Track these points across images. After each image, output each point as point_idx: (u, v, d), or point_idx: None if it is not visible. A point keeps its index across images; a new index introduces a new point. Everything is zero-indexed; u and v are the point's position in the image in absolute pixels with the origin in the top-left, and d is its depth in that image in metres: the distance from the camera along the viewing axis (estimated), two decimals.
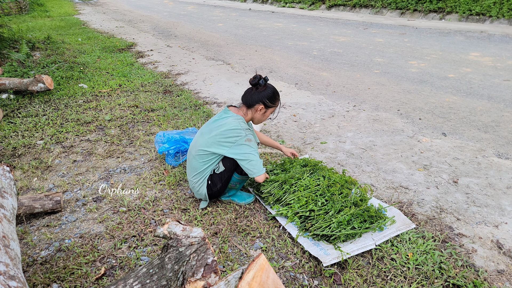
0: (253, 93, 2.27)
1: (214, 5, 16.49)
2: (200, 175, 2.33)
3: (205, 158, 2.28)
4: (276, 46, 7.63)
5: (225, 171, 2.29)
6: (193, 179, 2.36)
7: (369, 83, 5.05)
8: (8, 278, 1.16)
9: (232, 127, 2.20)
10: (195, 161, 2.32)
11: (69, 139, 3.49)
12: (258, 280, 1.17)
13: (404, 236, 2.09)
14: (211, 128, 2.29)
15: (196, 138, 2.38)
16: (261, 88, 2.26)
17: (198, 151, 2.29)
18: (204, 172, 2.31)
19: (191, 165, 2.37)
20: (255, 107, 2.29)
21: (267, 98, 2.27)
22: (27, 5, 14.94)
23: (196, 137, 2.39)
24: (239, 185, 2.44)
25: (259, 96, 2.26)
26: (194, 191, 2.40)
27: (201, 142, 2.30)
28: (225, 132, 2.20)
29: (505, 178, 2.72)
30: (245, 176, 2.36)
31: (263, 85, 2.26)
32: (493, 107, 4.04)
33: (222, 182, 2.33)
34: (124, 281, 1.37)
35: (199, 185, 2.34)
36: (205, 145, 2.26)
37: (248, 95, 2.29)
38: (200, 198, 2.43)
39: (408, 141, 3.35)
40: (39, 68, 5.72)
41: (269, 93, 2.27)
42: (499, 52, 6.41)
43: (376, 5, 11.86)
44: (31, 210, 2.30)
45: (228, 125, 2.21)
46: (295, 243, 2.08)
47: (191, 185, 2.41)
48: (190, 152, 2.41)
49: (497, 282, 1.80)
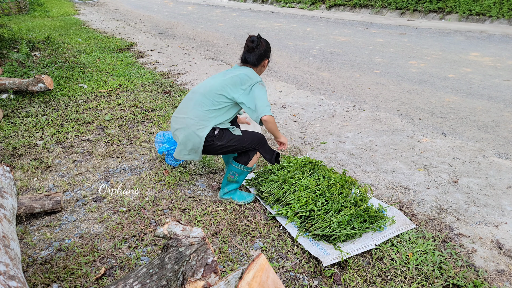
0: (256, 52, 2.30)
1: (214, 5, 16.49)
2: (204, 115, 2.19)
3: (216, 98, 2.20)
4: (276, 46, 7.63)
5: (235, 139, 2.26)
6: (194, 118, 2.20)
7: (369, 83, 5.05)
8: (8, 278, 1.16)
9: (248, 73, 2.24)
10: (204, 98, 2.21)
11: (69, 139, 3.49)
12: (258, 280, 1.17)
13: (404, 236, 2.09)
14: (225, 73, 2.28)
15: (206, 81, 2.30)
16: (260, 45, 2.30)
17: (209, 91, 2.21)
18: (210, 114, 2.20)
19: (196, 101, 2.22)
20: (262, 63, 2.35)
21: (268, 51, 2.35)
22: (27, 5, 14.94)
23: (206, 81, 2.31)
24: (238, 177, 2.39)
25: (262, 53, 2.31)
26: (186, 134, 2.21)
27: (213, 83, 2.23)
28: (241, 75, 2.22)
29: (505, 178, 2.72)
30: (244, 166, 2.34)
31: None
32: (493, 107, 4.04)
33: (227, 143, 2.24)
34: (124, 281, 1.38)
35: (199, 127, 2.18)
36: (219, 86, 2.20)
37: (253, 56, 2.31)
38: (188, 147, 2.25)
39: (408, 141, 3.35)
40: (39, 68, 5.72)
41: (267, 45, 2.34)
42: (499, 52, 6.41)
43: (376, 5, 11.86)
44: (31, 210, 2.30)
45: (245, 70, 2.25)
46: (295, 243, 2.08)
47: (185, 124, 2.21)
48: (196, 91, 2.27)
49: (497, 282, 1.80)
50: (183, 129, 2.23)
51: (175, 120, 2.30)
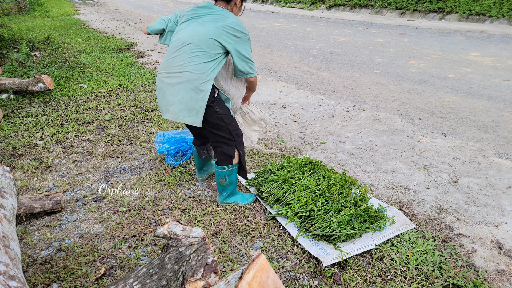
0: None
1: None
2: (204, 68, 2.00)
3: (212, 48, 1.99)
4: (276, 46, 7.63)
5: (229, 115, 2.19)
6: (195, 71, 1.99)
7: (369, 83, 5.05)
8: (8, 278, 1.16)
9: (237, 21, 2.03)
10: (200, 49, 1.99)
11: (69, 139, 3.49)
12: (258, 280, 1.17)
13: (404, 236, 2.09)
14: (216, 18, 2.02)
15: (195, 29, 2.03)
16: None
17: (205, 39, 1.98)
18: (208, 66, 2.01)
19: (193, 53, 2.00)
20: (234, 0, 2.10)
21: None
22: (27, 5, 14.94)
23: (194, 29, 2.04)
24: (230, 178, 2.31)
25: None
26: (188, 89, 2.00)
27: (206, 30, 1.99)
28: (232, 24, 1.99)
29: (505, 178, 2.72)
30: (230, 165, 2.26)
31: None
32: (493, 107, 4.04)
33: (222, 115, 2.14)
34: (124, 281, 1.38)
35: (202, 81, 2.00)
36: (214, 33, 1.97)
37: None
38: (190, 106, 2.02)
39: (408, 141, 3.35)
40: (39, 68, 5.72)
41: None
42: (499, 52, 6.41)
43: (376, 5, 11.86)
44: (31, 210, 2.30)
45: (233, 18, 2.03)
46: (295, 243, 2.08)
47: (185, 79, 2.00)
48: (188, 41, 2.02)
49: (497, 282, 1.80)
50: (183, 84, 2.00)
51: (169, 77, 2.06)
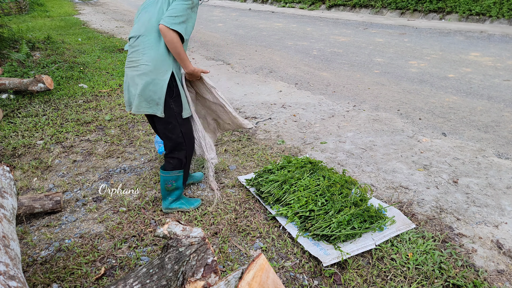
0: None
1: (214, 5, 16.49)
2: (156, 58, 1.94)
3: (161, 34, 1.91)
4: (276, 46, 7.63)
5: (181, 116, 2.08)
6: (145, 60, 1.94)
7: (369, 83, 5.05)
8: (8, 278, 1.16)
9: None
10: (148, 38, 1.93)
11: (69, 139, 3.49)
12: (258, 280, 1.17)
13: (404, 236, 2.09)
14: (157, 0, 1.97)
15: (142, 17, 1.99)
16: None
17: (151, 25, 1.93)
18: (161, 57, 1.94)
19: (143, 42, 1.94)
20: None
21: None
22: (27, 5, 14.94)
23: (142, 16, 2.00)
24: (177, 183, 2.25)
25: None
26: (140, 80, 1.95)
27: (149, 17, 1.95)
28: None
29: (505, 178, 2.72)
30: (178, 171, 2.21)
31: None
32: (493, 107, 4.04)
33: (180, 114, 2.08)
34: (124, 281, 1.38)
35: (157, 73, 1.95)
36: (157, 17, 1.93)
37: None
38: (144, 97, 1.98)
39: (408, 141, 3.35)
40: (39, 68, 5.72)
41: None
42: (499, 52, 6.41)
43: (376, 5, 11.86)
44: (31, 210, 2.30)
45: None
46: (295, 243, 2.08)
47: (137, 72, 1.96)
48: (136, 33, 1.98)
49: (497, 282, 1.80)
50: (140, 77, 1.99)
51: (130, 70, 2.05)
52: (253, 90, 4.93)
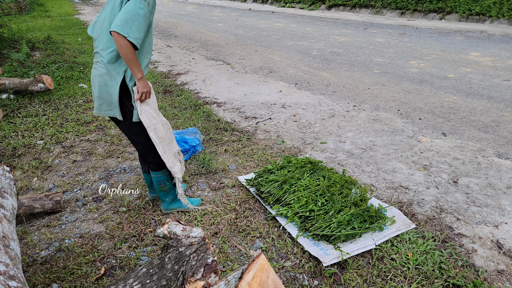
0: None
1: (214, 5, 16.49)
2: (110, 60, 1.88)
3: None
4: (276, 46, 7.63)
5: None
6: (101, 61, 1.89)
7: (369, 83, 5.05)
8: (8, 278, 1.16)
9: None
10: (102, 40, 1.88)
11: (69, 139, 3.49)
12: (258, 280, 1.17)
13: (404, 236, 2.09)
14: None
15: (100, 19, 1.94)
16: None
17: (105, 27, 1.85)
18: (114, 58, 1.88)
19: (100, 43, 1.90)
20: None
21: None
22: (27, 5, 14.94)
23: (100, 17, 1.95)
24: (169, 182, 2.24)
25: None
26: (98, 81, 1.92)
27: (103, 18, 1.90)
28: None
29: (505, 178, 2.72)
30: (159, 171, 2.17)
31: None
32: (493, 107, 4.04)
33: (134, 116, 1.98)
34: (124, 281, 1.38)
35: (111, 75, 1.89)
36: (109, 17, 1.84)
37: None
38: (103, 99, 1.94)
39: (408, 141, 3.35)
40: (39, 68, 5.72)
41: None
42: (499, 52, 6.41)
43: (376, 5, 11.86)
44: (31, 210, 2.30)
45: None
46: (295, 243, 2.08)
47: (96, 72, 1.92)
48: (96, 34, 1.93)
49: (497, 282, 1.80)
50: (98, 78, 1.95)
51: (94, 69, 1.97)
52: (253, 90, 4.93)
